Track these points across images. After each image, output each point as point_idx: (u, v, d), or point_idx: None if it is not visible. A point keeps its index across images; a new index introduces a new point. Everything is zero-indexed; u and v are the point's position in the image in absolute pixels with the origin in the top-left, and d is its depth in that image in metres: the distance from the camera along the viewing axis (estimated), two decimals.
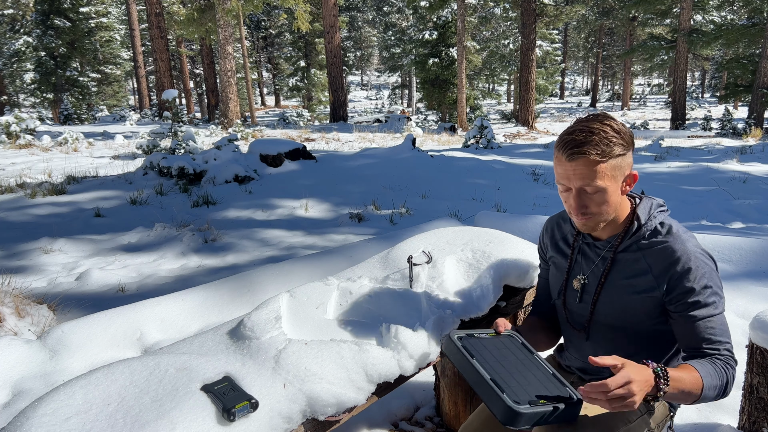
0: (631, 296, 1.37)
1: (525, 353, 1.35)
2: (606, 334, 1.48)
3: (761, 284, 2.98)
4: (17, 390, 2.20)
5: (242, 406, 1.23)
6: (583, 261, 1.48)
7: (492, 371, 1.25)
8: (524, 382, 1.24)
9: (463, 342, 1.33)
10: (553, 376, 1.28)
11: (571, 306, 1.52)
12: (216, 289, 2.92)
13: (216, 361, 1.38)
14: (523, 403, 1.16)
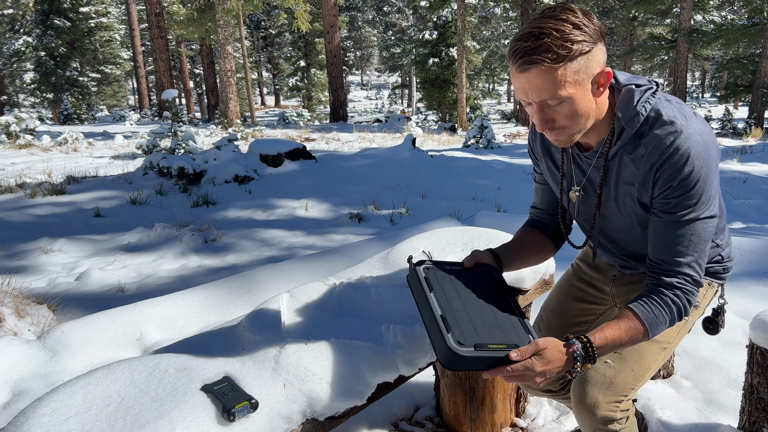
0: (633, 205, 1.25)
1: (497, 291, 1.20)
2: (614, 244, 1.39)
3: (761, 284, 2.98)
4: (17, 390, 2.20)
5: (242, 406, 1.23)
6: (577, 171, 1.34)
7: (446, 308, 1.12)
8: (480, 324, 1.10)
9: (427, 273, 1.20)
10: (519, 321, 1.15)
11: (573, 216, 1.46)
12: (216, 289, 2.91)
13: (216, 361, 1.38)
14: (468, 346, 1.04)
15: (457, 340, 1.04)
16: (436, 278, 1.19)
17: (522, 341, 1.07)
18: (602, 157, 1.26)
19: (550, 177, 1.45)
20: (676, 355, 2.37)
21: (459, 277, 1.21)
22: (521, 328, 1.13)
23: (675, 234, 1.18)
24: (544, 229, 1.52)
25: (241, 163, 7.82)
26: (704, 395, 2.17)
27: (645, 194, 1.22)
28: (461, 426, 2.05)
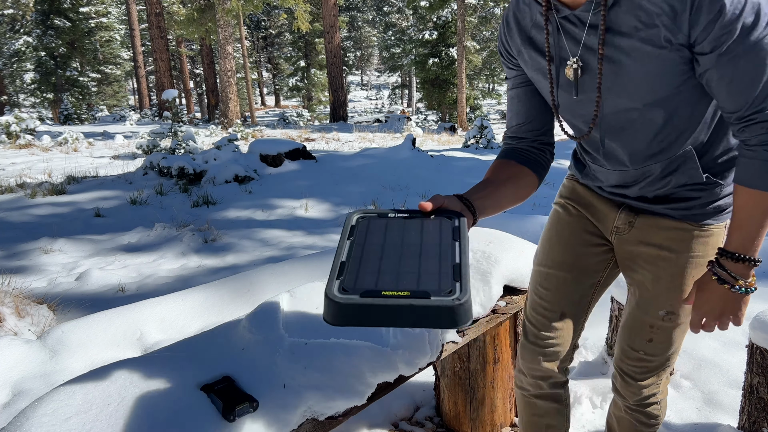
0: (647, 59, 0.98)
1: (444, 239, 0.92)
2: (624, 133, 1.12)
3: (761, 284, 2.98)
4: (17, 390, 2.20)
5: (242, 406, 1.23)
6: (569, 42, 1.07)
7: (356, 255, 0.88)
8: (389, 270, 0.84)
9: (359, 222, 0.98)
10: (451, 268, 0.85)
11: (569, 110, 1.16)
12: (216, 289, 2.92)
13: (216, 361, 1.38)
14: (353, 293, 0.78)
15: (342, 287, 0.79)
16: (366, 227, 0.95)
17: (442, 287, 0.78)
18: (599, 10, 0.99)
19: (535, 70, 1.17)
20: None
21: (399, 225, 0.95)
22: (449, 274, 0.83)
23: (743, 68, 0.91)
24: (522, 158, 1.23)
25: (241, 163, 7.82)
26: (704, 395, 2.17)
27: (678, 34, 0.93)
28: (461, 426, 2.05)
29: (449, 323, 0.75)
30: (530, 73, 1.19)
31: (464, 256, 0.86)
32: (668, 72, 0.99)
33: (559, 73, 1.12)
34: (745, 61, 0.91)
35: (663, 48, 0.96)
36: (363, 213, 0.99)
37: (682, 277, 1.22)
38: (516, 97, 1.24)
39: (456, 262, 0.84)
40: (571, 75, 1.09)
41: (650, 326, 1.28)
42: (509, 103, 1.27)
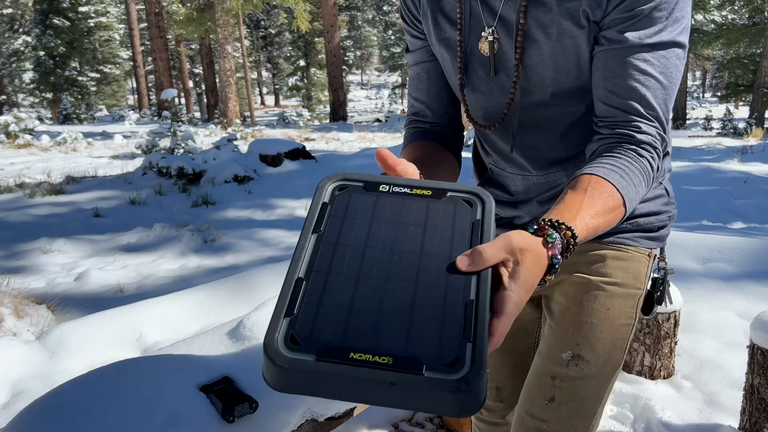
0: (565, 38, 0.85)
1: (456, 244, 0.58)
2: (537, 125, 0.96)
3: (762, 284, 2.98)
4: (16, 390, 2.20)
5: (242, 407, 1.23)
6: (484, 11, 0.91)
7: (322, 265, 0.55)
8: (370, 311, 0.51)
9: (337, 195, 0.63)
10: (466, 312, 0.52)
11: (481, 92, 0.97)
12: (215, 289, 2.91)
13: (215, 362, 1.37)
14: (305, 350, 0.48)
15: (292, 333, 0.49)
16: (345, 207, 0.62)
17: (443, 353, 0.48)
18: None
19: (440, 41, 0.98)
20: (676, 356, 2.37)
21: (393, 210, 0.62)
22: (458, 325, 0.50)
23: (637, 65, 0.80)
24: (445, 143, 1.02)
25: (240, 163, 7.82)
26: (705, 396, 2.16)
27: (598, 10, 0.82)
28: (461, 426, 2.04)
29: (448, 409, 0.47)
30: (435, 44, 0.99)
31: (484, 286, 0.53)
32: (583, 57, 0.86)
33: (469, 46, 0.94)
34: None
35: (581, 28, 0.84)
36: (343, 179, 0.64)
37: (592, 309, 0.97)
38: (425, 74, 1.03)
39: (470, 298, 0.52)
40: (486, 49, 0.92)
41: (552, 378, 0.99)
42: (415, 80, 1.05)
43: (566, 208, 0.70)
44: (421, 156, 0.95)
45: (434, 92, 1.04)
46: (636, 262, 1.00)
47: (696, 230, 4.05)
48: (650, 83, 0.81)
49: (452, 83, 1.01)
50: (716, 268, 3.20)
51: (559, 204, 0.71)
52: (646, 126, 0.81)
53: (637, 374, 2.28)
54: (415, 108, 1.07)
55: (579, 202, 0.71)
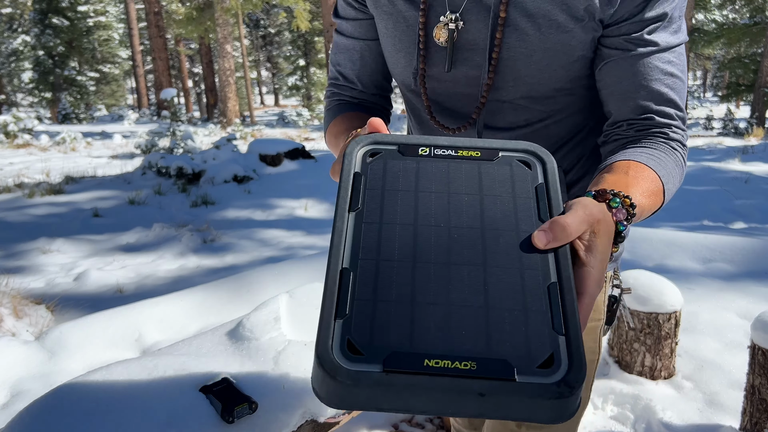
0: (555, 32, 0.74)
1: (522, 215, 0.49)
2: (503, 126, 0.84)
3: (763, 285, 2.98)
4: (15, 391, 2.19)
5: (241, 407, 1.22)
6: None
7: (369, 259, 0.45)
8: (437, 304, 0.43)
9: (371, 163, 0.53)
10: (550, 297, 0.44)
11: (443, 89, 0.84)
12: (215, 289, 2.91)
13: (215, 363, 1.37)
14: (370, 358, 0.40)
15: (349, 339, 0.41)
16: (382, 177, 0.52)
17: (533, 351, 0.41)
18: None
19: (389, 18, 0.82)
20: (677, 356, 2.36)
21: (439, 177, 0.52)
22: (544, 314, 0.43)
23: (665, 69, 0.74)
24: (374, 114, 0.93)
25: (240, 162, 7.81)
26: (705, 396, 2.16)
27: (608, 7, 0.73)
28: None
29: (543, 417, 0.40)
30: (380, 17, 0.83)
31: (565, 264, 0.45)
32: (572, 56, 0.76)
33: (427, 32, 0.79)
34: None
35: (578, 21, 0.73)
36: (374, 143, 0.54)
37: None
38: (357, 54, 0.90)
39: (552, 280, 0.44)
40: (442, 39, 0.78)
41: (517, 426, 0.94)
42: (344, 54, 0.91)
43: (612, 186, 0.62)
44: (356, 128, 0.79)
45: (366, 72, 0.92)
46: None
47: (697, 230, 4.05)
48: (677, 85, 0.76)
49: (396, 69, 0.86)
50: (717, 268, 3.20)
51: (602, 183, 0.63)
52: (676, 128, 0.77)
53: (637, 374, 2.28)
54: (340, 80, 0.94)
55: (624, 182, 0.64)
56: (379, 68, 0.93)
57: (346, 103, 0.93)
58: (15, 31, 30.16)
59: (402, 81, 0.87)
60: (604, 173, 0.67)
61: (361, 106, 0.93)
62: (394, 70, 0.87)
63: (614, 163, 0.69)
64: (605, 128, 0.81)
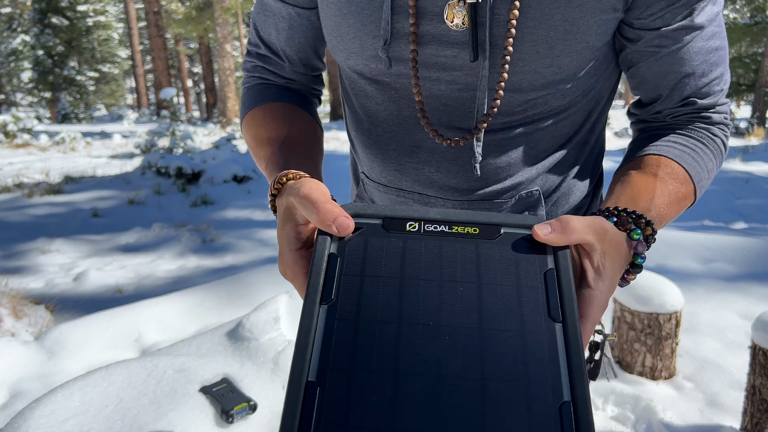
0: (572, 7, 0.59)
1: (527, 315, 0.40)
2: (512, 116, 0.67)
3: (764, 285, 2.98)
4: (15, 391, 2.19)
5: (241, 408, 1.22)
6: None
7: (340, 368, 0.37)
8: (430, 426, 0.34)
9: (351, 243, 0.44)
10: (563, 424, 0.35)
11: (434, 81, 0.65)
12: (214, 289, 2.90)
13: (214, 363, 1.36)
14: None
15: None
16: (362, 260, 0.43)
17: None
18: None
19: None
20: (678, 356, 2.36)
21: (430, 261, 0.44)
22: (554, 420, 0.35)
23: (712, 45, 0.64)
24: (305, 104, 0.78)
25: (239, 162, 7.81)
26: (706, 396, 2.16)
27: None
28: None
29: None
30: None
31: (579, 374, 0.37)
32: (595, 36, 0.62)
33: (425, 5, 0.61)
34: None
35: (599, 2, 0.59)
36: (355, 215, 0.46)
37: None
38: (285, 20, 0.73)
39: (564, 399, 0.37)
40: (458, 21, 0.60)
41: None
42: (272, 18, 0.74)
43: (639, 196, 0.58)
44: (291, 135, 0.69)
45: (294, 46, 0.75)
46: None
47: (697, 230, 4.05)
48: (721, 56, 0.66)
49: (352, 48, 0.66)
50: (718, 268, 3.19)
51: (628, 188, 0.59)
52: (719, 106, 0.69)
53: (638, 375, 2.28)
54: (262, 49, 0.77)
55: (651, 188, 0.59)
56: (310, 43, 0.75)
57: (271, 85, 0.78)
58: (14, 31, 30.16)
59: (358, 66, 0.67)
60: (630, 170, 0.63)
61: (287, 90, 0.78)
62: (349, 49, 0.66)
63: (645, 157, 0.65)
64: (638, 111, 0.72)
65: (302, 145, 0.68)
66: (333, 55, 0.71)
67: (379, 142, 0.72)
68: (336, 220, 0.43)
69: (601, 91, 0.72)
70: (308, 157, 0.67)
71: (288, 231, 0.48)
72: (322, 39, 0.76)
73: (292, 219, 0.48)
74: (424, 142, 0.68)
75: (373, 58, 0.65)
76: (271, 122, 0.71)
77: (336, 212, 0.43)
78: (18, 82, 31.05)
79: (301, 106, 0.76)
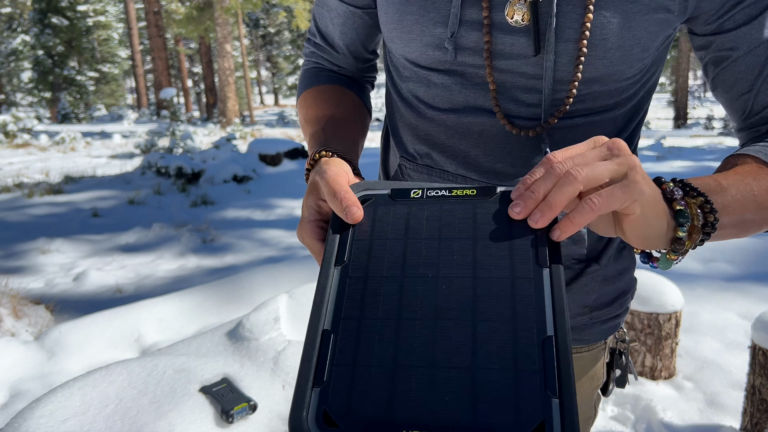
0: (643, 12, 0.61)
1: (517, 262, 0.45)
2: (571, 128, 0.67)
3: (764, 285, 2.98)
4: (15, 391, 2.18)
5: (241, 408, 1.22)
6: None
7: (351, 317, 0.43)
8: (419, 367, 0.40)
9: (366, 209, 0.51)
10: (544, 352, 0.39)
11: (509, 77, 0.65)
12: (214, 289, 2.90)
13: (214, 363, 1.36)
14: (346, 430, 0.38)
15: (325, 410, 0.39)
16: (372, 226, 0.50)
17: (522, 416, 0.37)
18: None
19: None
20: (677, 356, 2.36)
21: (431, 219, 0.49)
22: (536, 373, 0.39)
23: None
24: (354, 87, 0.83)
25: (239, 162, 7.81)
26: (706, 396, 2.16)
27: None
28: None
29: None
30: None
31: (561, 317, 0.41)
32: (650, 40, 0.62)
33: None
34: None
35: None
36: (365, 190, 0.53)
37: None
38: (340, 16, 0.78)
39: (547, 334, 0.41)
40: (518, 17, 0.62)
41: None
42: (328, 12, 0.80)
43: (696, 182, 0.54)
44: (336, 115, 0.73)
45: (346, 41, 0.80)
46: (591, 359, 0.80)
47: None
48: None
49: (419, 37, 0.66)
50: (718, 268, 3.20)
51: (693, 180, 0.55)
52: None
53: (638, 375, 2.28)
54: (318, 38, 0.83)
55: (720, 178, 0.56)
56: (361, 39, 0.80)
57: (325, 69, 0.84)
58: (14, 31, 30.16)
59: (414, 54, 0.68)
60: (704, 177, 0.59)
61: (341, 77, 0.83)
62: (409, 37, 0.67)
63: (728, 158, 0.62)
64: (737, 124, 0.69)
65: (345, 124, 0.72)
66: (389, 44, 0.72)
67: (429, 126, 0.72)
68: (348, 208, 0.49)
69: (641, 101, 0.71)
70: (348, 135, 0.71)
71: (311, 203, 0.54)
72: (373, 36, 0.80)
73: (316, 193, 0.54)
74: (474, 126, 0.69)
75: (432, 45, 0.66)
76: (320, 103, 0.76)
77: (349, 202, 0.49)
78: (18, 82, 31.06)
79: (350, 89, 0.81)
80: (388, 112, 0.82)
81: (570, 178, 0.45)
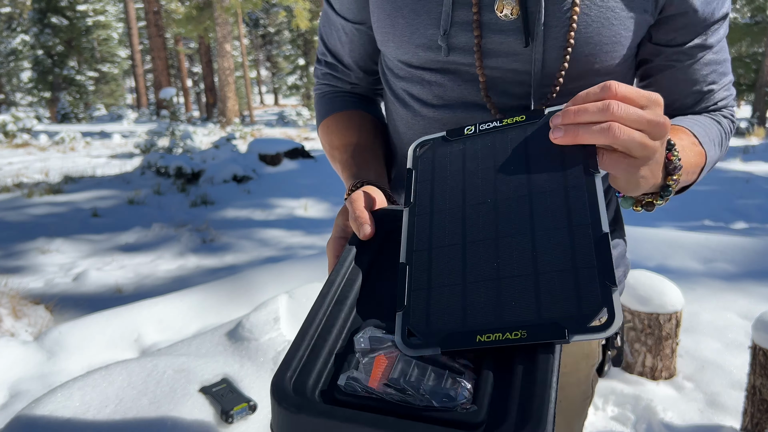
0: (623, 11, 0.65)
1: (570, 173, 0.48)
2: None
3: (764, 285, 2.98)
4: (14, 391, 2.18)
5: (241, 408, 1.22)
6: None
7: (422, 249, 0.49)
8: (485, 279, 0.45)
9: (420, 156, 0.57)
10: (598, 249, 0.43)
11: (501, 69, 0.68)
12: (214, 289, 2.90)
13: (214, 363, 1.36)
14: (426, 345, 0.43)
15: (408, 329, 0.44)
16: (431, 166, 0.54)
17: (584, 308, 0.40)
18: None
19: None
20: (678, 357, 2.36)
21: (486, 152, 0.53)
22: (593, 268, 0.42)
23: (710, 63, 0.72)
24: (369, 107, 0.88)
25: (239, 162, 7.80)
26: (706, 396, 2.16)
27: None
28: None
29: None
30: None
31: (600, 212, 0.44)
32: (626, 37, 0.67)
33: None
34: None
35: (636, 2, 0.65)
36: (422, 141, 0.57)
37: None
38: (346, 34, 0.81)
39: (604, 231, 0.43)
40: (507, 11, 0.64)
41: None
42: (334, 31, 0.82)
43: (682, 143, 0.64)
44: (361, 142, 0.79)
45: (355, 56, 0.83)
46: (585, 342, 0.82)
47: (698, 230, 4.05)
48: (725, 66, 0.75)
49: (411, 37, 0.69)
50: (718, 268, 3.19)
51: None
52: (731, 106, 0.79)
53: (638, 375, 2.27)
54: (329, 58, 0.86)
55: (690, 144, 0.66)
56: (369, 54, 0.83)
57: (339, 93, 0.88)
58: (14, 31, 30.14)
59: (407, 55, 0.71)
60: None
61: (354, 96, 0.88)
62: (401, 39, 0.70)
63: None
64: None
65: (371, 150, 0.79)
66: (383, 48, 0.76)
67: (425, 124, 0.77)
68: (360, 226, 0.55)
69: None
70: (375, 159, 0.78)
71: (339, 222, 0.61)
72: (378, 49, 0.82)
73: (345, 215, 0.61)
74: (467, 121, 0.73)
75: (423, 46, 0.69)
76: (343, 130, 0.82)
77: (361, 221, 0.55)
78: (18, 81, 31.05)
79: (367, 110, 0.86)
80: (387, 112, 0.86)
81: (609, 134, 0.47)
